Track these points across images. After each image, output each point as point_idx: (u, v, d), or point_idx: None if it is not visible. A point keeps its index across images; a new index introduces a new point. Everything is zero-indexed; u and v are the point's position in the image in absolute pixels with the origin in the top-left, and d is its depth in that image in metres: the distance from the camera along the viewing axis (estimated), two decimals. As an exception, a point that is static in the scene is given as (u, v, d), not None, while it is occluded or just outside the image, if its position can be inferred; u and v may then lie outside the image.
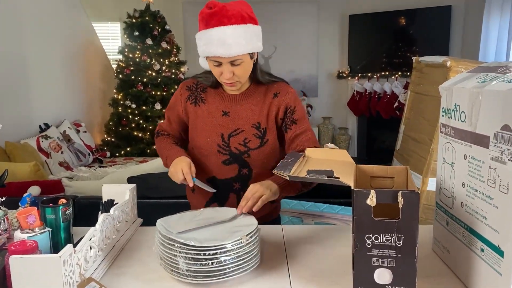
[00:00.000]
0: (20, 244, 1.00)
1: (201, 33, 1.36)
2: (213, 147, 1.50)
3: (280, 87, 1.52)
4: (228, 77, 1.38)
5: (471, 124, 1.00)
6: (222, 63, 1.37)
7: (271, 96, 1.51)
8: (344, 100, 6.28)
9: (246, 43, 1.35)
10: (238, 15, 1.34)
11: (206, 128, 1.51)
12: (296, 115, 1.50)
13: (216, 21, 1.32)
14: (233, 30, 1.32)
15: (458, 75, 1.18)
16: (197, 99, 1.54)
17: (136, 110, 5.16)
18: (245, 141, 1.49)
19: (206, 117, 1.51)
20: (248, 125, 1.50)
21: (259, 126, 1.50)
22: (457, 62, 1.95)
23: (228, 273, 1.05)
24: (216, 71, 1.40)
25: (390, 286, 0.96)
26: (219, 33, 1.31)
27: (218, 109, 1.51)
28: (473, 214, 1.01)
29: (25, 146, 3.52)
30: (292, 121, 1.50)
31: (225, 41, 1.31)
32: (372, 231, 0.95)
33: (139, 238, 1.38)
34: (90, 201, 2.27)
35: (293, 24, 6.24)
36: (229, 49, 1.32)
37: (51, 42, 4.48)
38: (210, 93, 1.53)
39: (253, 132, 1.49)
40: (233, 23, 1.33)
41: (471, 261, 1.01)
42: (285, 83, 1.56)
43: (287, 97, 1.50)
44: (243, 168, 1.51)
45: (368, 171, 1.17)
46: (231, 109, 1.51)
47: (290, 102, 1.50)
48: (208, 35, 1.33)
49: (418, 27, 5.75)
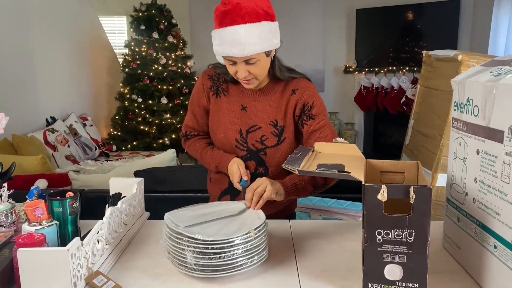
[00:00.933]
0: (27, 237, 1.00)
1: (215, 32, 1.34)
2: (232, 142, 1.49)
3: (299, 83, 1.49)
4: (243, 76, 1.36)
5: (484, 119, 0.98)
6: (237, 62, 1.34)
7: (289, 92, 1.48)
8: (351, 95, 6.24)
9: (260, 42, 1.31)
10: (252, 12, 1.29)
11: (225, 122, 1.49)
12: (314, 110, 1.45)
13: (229, 20, 1.29)
14: (247, 29, 1.28)
15: (471, 68, 1.16)
16: (219, 89, 1.52)
17: (143, 104, 5.16)
18: (262, 138, 1.47)
19: (225, 109, 1.50)
20: (266, 122, 1.47)
21: (277, 123, 1.47)
22: (468, 56, 1.92)
23: (236, 267, 1.05)
24: (232, 70, 1.38)
25: (400, 282, 0.95)
26: (232, 33, 1.28)
27: (238, 103, 1.50)
28: (485, 210, 0.99)
29: (32, 140, 3.53)
30: (309, 117, 1.45)
31: (238, 41, 1.28)
32: (383, 227, 0.94)
33: (147, 232, 1.38)
34: (96, 194, 2.27)
35: (300, 18, 6.20)
36: (243, 49, 1.29)
37: (58, 36, 4.48)
38: (231, 85, 1.52)
39: (270, 129, 1.47)
40: (247, 21, 1.29)
41: (483, 257, 1.00)
42: (305, 78, 1.52)
43: (305, 94, 1.47)
44: (259, 166, 1.48)
45: (378, 166, 1.16)
46: (249, 104, 1.49)
47: (307, 99, 1.46)
48: (221, 35, 1.31)
49: (426, 21, 5.69)
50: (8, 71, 3.59)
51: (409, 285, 0.95)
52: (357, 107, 6.25)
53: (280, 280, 1.06)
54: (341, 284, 1.04)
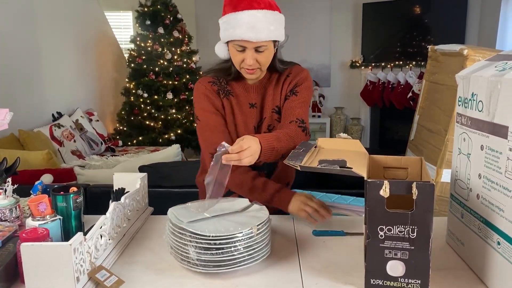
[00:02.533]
0: (31, 231, 1.00)
1: (228, 16, 1.33)
2: None
3: (293, 69, 1.51)
4: (251, 63, 1.35)
5: (489, 114, 0.97)
6: (247, 49, 1.34)
7: (284, 77, 1.51)
8: (357, 90, 6.21)
9: (274, 29, 1.33)
10: (266, 1, 1.33)
11: (239, 123, 1.50)
12: (299, 88, 1.48)
13: (246, 4, 1.30)
14: (264, 14, 1.31)
15: (476, 63, 1.15)
16: (225, 92, 1.50)
17: (148, 100, 5.17)
18: (269, 127, 1.51)
19: (237, 110, 1.50)
20: (269, 111, 1.50)
21: (279, 110, 1.50)
22: (474, 50, 1.90)
23: (238, 263, 1.05)
24: (238, 57, 1.37)
25: (402, 279, 0.95)
26: (250, 16, 1.29)
27: (246, 101, 1.51)
28: (489, 206, 0.98)
29: (38, 135, 3.55)
30: (293, 92, 1.48)
31: (255, 25, 1.29)
32: (385, 223, 0.93)
33: (150, 227, 1.38)
34: (102, 189, 2.29)
35: (306, 13, 6.17)
36: (259, 33, 1.30)
37: (64, 31, 4.49)
38: (234, 85, 1.51)
39: (274, 117, 1.51)
40: (263, 8, 1.31)
41: (487, 254, 0.99)
42: (298, 65, 1.55)
43: (298, 76, 1.49)
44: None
45: (382, 162, 1.15)
46: (257, 100, 1.51)
47: (298, 80, 1.49)
48: (237, 18, 1.30)
49: (433, 15, 5.63)
50: (14, 66, 3.61)
51: (412, 281, 0.94)
52: (363, 102, 6.22)
53: (283, 276, 1.06)
54: (343, 280, 1.03)
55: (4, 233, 1.11)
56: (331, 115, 6.34)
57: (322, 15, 6.20)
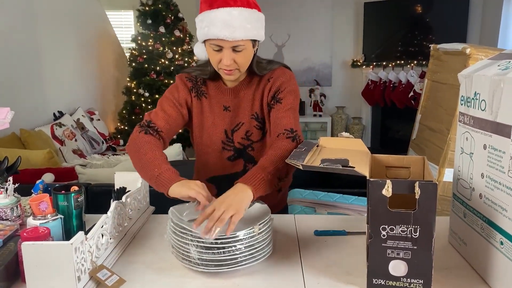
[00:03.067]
0: (32, 230, 1.00)
1: (204, 14, 1.27)
2: (218, 144, 1.45)
3: (275, 72, 1.41)
4: (228, 64, 1.28)
5: (491, 113, 0.97)
6: (223, 48, 1.27)
7: (264, 83, 1.42)
8: (358, 89, 6.20)
9: (251, 27, 1.26)
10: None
11: (209, 125, 1.45)
12: (282, 94, 1.38)
13: (222, 2, 1.24)
14: (239, 12, 1.24)
15: (479, 62, 1.14)
16: (199, 92, 1.44)
17: (149, 99, 5.16)
18: (247, 134, 1.44)
19: (208, 112, 1.45)
20: (247, 117, 1.43)
21: (258, 116, 1.43)
22: (477, 49, 1.89)
23: (240, 262, 1.04)
24: (215, 58, 1.30)
25: (405, 278, 0.94)
26: (224, 14, 1.23)
27: (219, 104, 1.44)
28: (492, 206, 0.97)
29: (39, 134, 3.55)
30: (277, 100, 1.38)
31: (230, 23, 1.23)
32: (388, 222, 0.93)
33: (151, 226, 1.38)
34: (103, 188, 2.28)
35: (307, 12, 6.16)
36: (234, 31, 1.23)
37: (65, 30, 4.49)
38: (210, 86, 1.45)
39: (253, 124, 1.43)
40: (239, 5, 1.25)
41: (490, 254, 0.99)
42: (283, 67, 1.44)
43: (278, 80, 1.39)
44: (248, 163, 1.46)
45: (384, 161, 1.15)
46: (231, 103, 1.44)
47: (280, 85, 1.39)
48: (212, 16, 1.24)
49: (435, 14, 5.62)
50: (15, 65, 3.61)
51: (414, 281, 0.94)
52: (364, 102, 6.21)
53: (284, 276, 1.06)
54: (345, 279, 1.03)
55: (5, 232, 1.11)
56: (332, 114, 6.33)
57: (323, 14, 6.19)
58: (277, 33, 6.09)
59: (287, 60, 6.24)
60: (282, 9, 6.03)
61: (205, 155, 1.49)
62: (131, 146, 1.32)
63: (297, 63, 6.28)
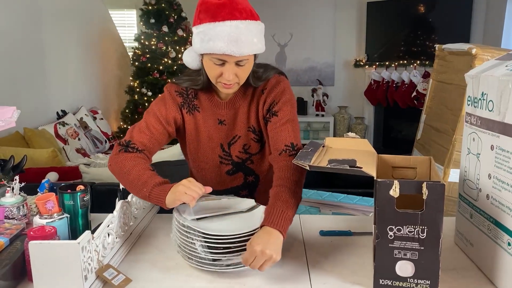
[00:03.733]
0: (39, 229, 1.00)
1: (205, 26, 1.16)
2: (215, 159, 1.40)
3: (269, 82, 1.33)
4: (230, 79, 1.20)
5: (499, 114, 0.97)
6: (226, 63, 1.19)
7: (258, 94, 1.34)
8: (361, 89, 6.19)
9: (257, 41, 1.19)
10: (247, 9, 1.18)
11: (204, 140, 1.38)
12: (277, 107, 1.30)
13: (227, 14, 1.14)
14: (247, 26, 1.15)
15: (486, 62, 1.14)
16: (190, 107, 1.35)
17: (152, 98, 5.17)
18: (244, 147, 1.39)
19: (202, 126, 1.37)
20: (244, 130, 1.37)
21: (255, 129, 1.36)
22: (483, 49, 1.89)
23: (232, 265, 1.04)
24: (216, 71, 1.21)
25: (412, 279, 0.94)
26: (231, 28, 1.14)
27: (213, 117, 1.36)
28: (499, 206, 0.97)
29: (43, 133, 3.56)
30: (272, 113, 1.31)
31: (237, 38, 1.14)
32: (395, 223, 0.93)
33: (156, 226, 1.38)
34: (107, 187, 2.28)
35: (310, 11, 6.15)
36: (242, 47, 1.15)
37: (68, 29, 4.50)
38: (203, 99, 1.36)
39: (250, 136, 1.37)
40: (245, 18, 1.16)
41: (497, 255, 0.98)
42: (278, 75, 1.36)
43: (273, 92, 1.31)
44: (248, 176, 1.42)
45: (390, 161, 1.15)
46: (226, 117, 1.36)
47: (275, 96, 1.31)
48: (217, 30, 1.14)
49: (438, 14, 5.61)
50: (19, 65, 3.61)
51: (421, 281, 0.94)
52: (367, 102, 6.20)
53: (291, 276, 1.06)
54: (351, 279, 1.03)
55: (12, 231, 1.11)
56: (334, 114, 6.33)
57: (326, 13, 6.18)
58: (280, 32, 6.09)
59: (289, 60, 6.24)
60: (284, 8, 6.03)
61: (202, 172, 1.44)
62: (113, 167, 1.26)
63: (300, 62, 6.28)
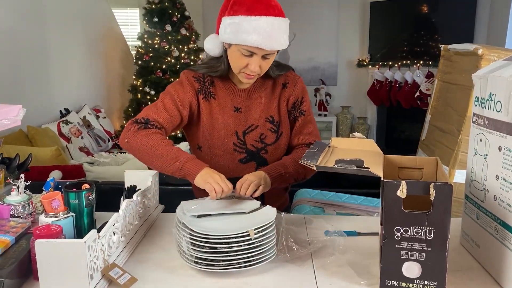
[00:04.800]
0: (44, 228, 1.00)
1: (241, 18, 1.23)
2: (229, 146, 1.43)
3: (288, 77, 1.46)
4: (256, 70, 1.29)
5: (507, 114, 0.96)
6: (255, 55, 1.27)
7: (280, 87, 1.45)
8: (364, 89, 6.18)
9: (286, 38, 1.28)
10: (279, 6, 1.27)
11: (220, 127, 1.42)
12: (304, 106, 1.47)
13: (263, 9, 1.22)
14: (279, 22, 1.25)
15: (493, 63, 1.13)
16: (207, 93, 1.41)
17: (155, 97, 5.16)
18: (261, 137, 1.44)
19: (218, 113, 1.42)
20: (262, 120, 1.43)
21: (273, 120, 1.44)
22: (489, 50, 1.88)
23: (232, 264, 1.03)
24: (242, 62, 1.29)
25: (418, 280, 0.94)
26: (267, 24, 1.22)
27: (229, 104, 1.42)
28: (507, 208, 0.97)
29: (46, 131, 3.56)
30: (301, 113, 1.46)
31: (271, 34, 1.22)
32: (402, 224, 0.92)
33: (161, 224, 1.38)
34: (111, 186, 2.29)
35: (313, 11, 6.15)
36: (274, 42, 1.24)
37: (71, 28, 4.50)
38: (219, 87, 1.42)
39: (268, 126, 1.43)
40: (277, 14, 1.25)
41: (504, 256, 0.98)
42: (292, 71, 1.49)
43: (296, 88, 1.45)
44: (260, 166, 1.45)
45: (396, 162, 1.14)
46: (243, 105, 1.43)
47: (298, 94, 1.46)
48: (253, 24, 1.21)
49: (441, 14, 5.59)
50: (23, 63, 3.62)
51: (428, 283, 0.93)
52: (370, 101, 6.19)
53: (296, 276, 1.05)
54: (357, 280, 1.03)
55: (17, 230, 1.11)
56: (337, 114, 6.32)
57: (329, 13, 6.18)
58: None
59: (292, 59, 6.23)
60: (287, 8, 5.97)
61: (216, 158, 1.46)
62: (134, 143, 1.30)
63: (303, 62, 6.27)
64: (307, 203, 1.83)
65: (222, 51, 1.36)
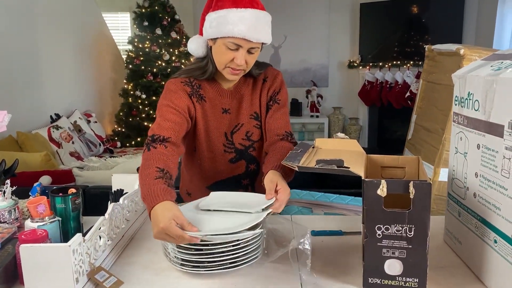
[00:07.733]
0: (30, 233, 1.00)
1: (226, 11, 1.25)
2: (219, 148, 1.46)
3: (267, 72, 1.47)
4: (241, 63, 1.29)
5: (484, 113, 0.98)
6: (241, 48, 1.28)
7: (260, 82, 1.46)
8: (355, 90, 6.22)
9: (269, 31, 1.31)
10: (261, 3, 1.30)
11: (211, 129, 1.44)
12: (280, 96, 1.47)
13: (248, 2, 1.26)
14: (264, 15, 1.29)
15: (472, 63, 1.15)
16: (198, 96, 1.41)
17: (146, 101, 5.17)
18: (247, 134, 1.46)
19: (211, 116, 1.43)
20: (247, 117, 1.45)
21: (258, 116, 1.46)
22: (471, 50, 1.91)
23: (219, 266, 1.04)
24: (227, 56, 1.29)
25: (400, 277, 0.95)
26: (252, 15, 1.25)
27: (218, 106, 1.43)
28: (486, 204, 0.99)
29: (36, 136, 3.55)
30: (275, 101, 1.46)
31: (257, 25, 1.25)
32: (383, 222, 0.94)
33: (149, 228, 1.38)
34: (100, 190, 2.29)
35: (304, 13, 6.18)
36: (259, 33, 1.26)
37: (62, 33, 4.50)
38: (207, 89, 1.42)
39: (253, 123, 1.46)
40: (261, 8, 1.29)
41: (484, 252, 1.00)
42: (271, 66, 1.50)
43: (275, 81, 1.46)
44: (250, 164, 1.48)
45: (379, 161, 1.16)
46: (231, 105, 1.45)
47: (277, 86, 1.47)
48: (239, 15, 1.24)
49: (430, 15, 5.65)
50: (12, 68, 3.61)
51: (409, 280, 0.95)
52: (361, 102, 6.23)
53: (281, 276, 1.06)
54: (341, 279, 1.04)
55: (3, 235, 1.11)
56: (329, 115, 6.35)
57: (320, 15, 6.20)
58: (274, 34, 5.88)
59: (284, 61, 6.26)
60: (278, 10, 6.04)
61: (208, 160, 1.48)
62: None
63: (294, 64, 6.30)
64: (296, 204, 1.84)
65: (206, 50, 1.37)
